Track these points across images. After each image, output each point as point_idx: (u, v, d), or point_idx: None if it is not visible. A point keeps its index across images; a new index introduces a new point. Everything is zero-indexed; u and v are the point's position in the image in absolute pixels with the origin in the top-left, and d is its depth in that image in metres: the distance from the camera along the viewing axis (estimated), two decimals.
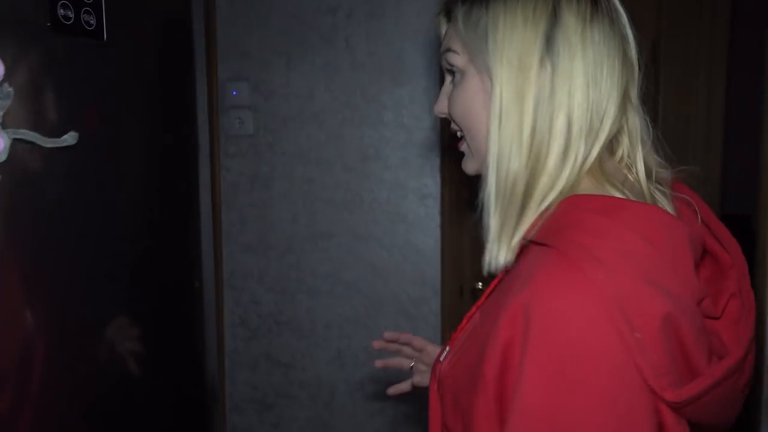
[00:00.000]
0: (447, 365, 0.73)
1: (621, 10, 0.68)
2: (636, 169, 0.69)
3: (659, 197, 0.68)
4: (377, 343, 1.04)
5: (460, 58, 0.70)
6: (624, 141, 0.70)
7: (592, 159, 0.65)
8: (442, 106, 0.75)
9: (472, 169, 0.74)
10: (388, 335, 1.03)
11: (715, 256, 0.69)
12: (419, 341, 1.02)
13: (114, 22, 0.95)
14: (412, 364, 1.03)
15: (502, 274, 0.70)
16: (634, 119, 0.69)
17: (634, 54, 0.68)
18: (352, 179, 2.07)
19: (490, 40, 0.65)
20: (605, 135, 0.65)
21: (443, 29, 0.74)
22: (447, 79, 0.75)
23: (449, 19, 0.72)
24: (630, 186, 0.67)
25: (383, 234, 2.04)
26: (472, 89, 0.69)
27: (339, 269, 2.08)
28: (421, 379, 1.02)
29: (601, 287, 0.55)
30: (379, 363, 1.06)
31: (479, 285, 2.00)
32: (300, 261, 2.12)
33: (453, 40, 0.71)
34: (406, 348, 1.03)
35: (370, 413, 2.10)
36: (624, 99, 0.67)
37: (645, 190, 0.67)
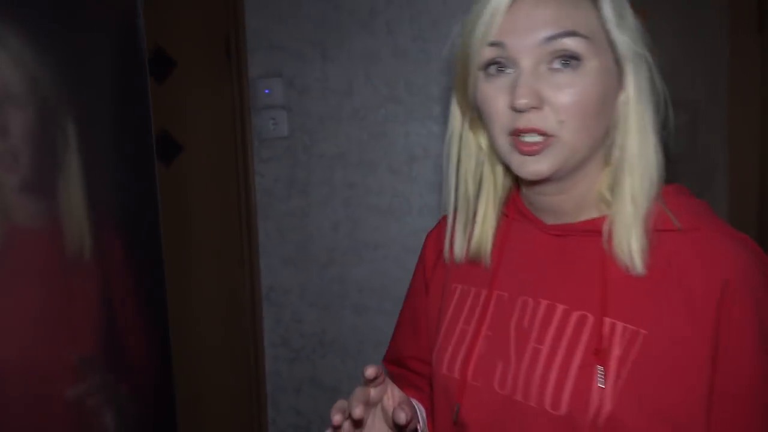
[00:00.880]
0: (626, 390, 0.64)
1: None
2: None
3: None
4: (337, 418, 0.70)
5: (585, 44, 0.65)
6: None
7: None
8: (532, 96, 0.65)
9: (550, 169, 0.67)
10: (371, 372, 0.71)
11: None
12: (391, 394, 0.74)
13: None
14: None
15: (625, 279, 0.67)
16: None
17: None
18: (398, 182, 1.83)
19: (634, 32, 0.67)
20: None
21: (556, 4, 0.65)
22: (527, 66, 0.66)
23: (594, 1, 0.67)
24: None
25: None
26: (600, 80, 0.66)
27: (387, 284, 1.85)
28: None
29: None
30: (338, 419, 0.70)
31: None
32: (343, 274, 1.91)
33: (581, 22, 0.65)
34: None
35: None
36: None
37: None
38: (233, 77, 1.95)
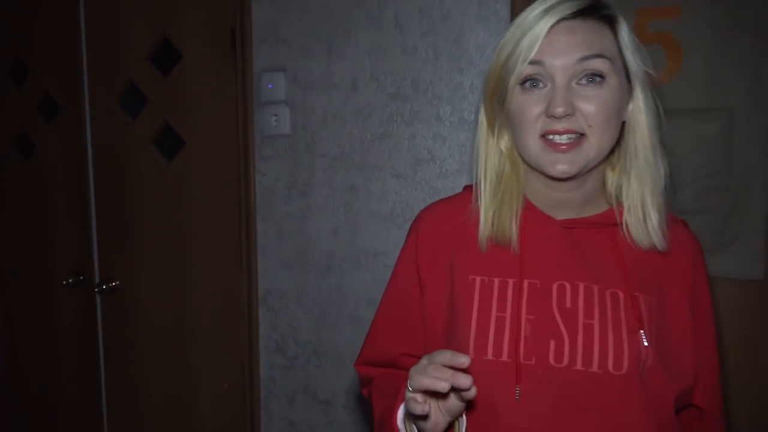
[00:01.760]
0: (655, 344, 0.81)
1: None
2: None
3: None
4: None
5: (608, 64, 0.79)
6: None
7: None
8: (568, 105, 0.78)
9: (579, 168, 0.80)
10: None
11: None
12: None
13: None
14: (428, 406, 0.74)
15: (633, 262, 0.84)
16: None
17: None
18: (402, 187, 1.71)
19: (643, 55, 0.82)
20: None
21: (586, 32, 0.80)
22: (562, 81, 0.79)
23: (613, 28, 0.82)
24: None
25: None
26: (618, 95, 0.80)
27: None
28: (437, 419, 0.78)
29: None
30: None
31: None
32: (341, 282, 1.80)
33: (605, 46, 0.80)
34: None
35: None
36: None
37: None
38: (237, 71, 1.87)
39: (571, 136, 0.79)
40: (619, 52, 0.81)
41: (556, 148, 0.79)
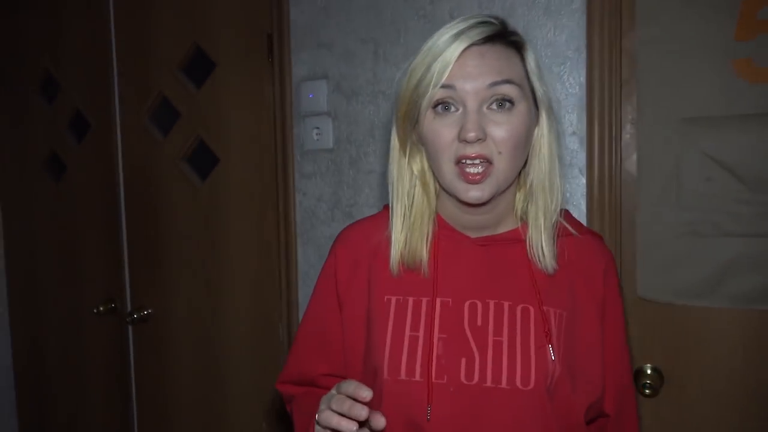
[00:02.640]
0: (562, 358, 0.83)
1: None
2: None
3: None
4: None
5: (517, 90, 0.81)
6: None
7: None
8: (480, 130, 0.80)
9: (490, 194, 0.83)
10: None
11: None
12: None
13: None
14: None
15: (544, 276, 0.87)
16: None
17: None
18: None
19: (547, 84, 0.87)
20: None
21: (495, 57, 0.81)
22: (473, 106, 0.81)
23: (521, 54, 0.85)
24: None
25: None
26: (526, 120, 0.83)
27: None
28: None
29: None
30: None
31: None
32: None
33: (514, 72, 0.82)
34: None
35: None
36: None
37: None
38: (275, 79, 1.70)
39: (483, 161, 0.81)
40: (527, 77, 0.84)
41: (467, 178, 0.81)
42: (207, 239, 1.87)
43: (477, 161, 0.80)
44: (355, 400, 0.71)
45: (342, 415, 0.72)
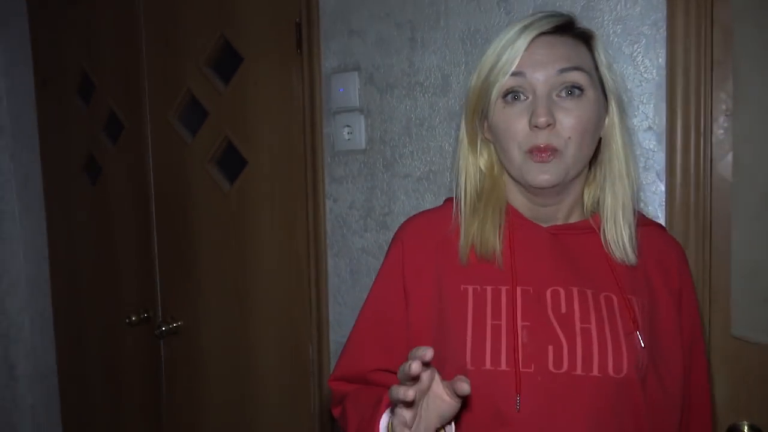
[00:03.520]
0: (647, 345, 0.82)
1: None
2: None
3: None
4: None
5: (586, 78, 0.82)
6: None
7: None
8: (550, 115, 0.80)
9: (557, 179, 0.82)
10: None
11: None
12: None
13: None
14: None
15: (622, 265, 0.86)
16: None
17: None
18: None
19: (617, 75, 0.87)
20: None
21: (564, 46, 0.82)
22: (543, 92, 0.81)
23: (589, 45, 0.85)
24: None
25: None
26: (596, 108, 0.83)
27: None
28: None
29: None
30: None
31: None
32: None
33: (583, 60, 0.83)
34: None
35: None
36: None
37: None
38: (304, 72, 1.53)
39: (552, 152, 0.81)
40: (596, 68, 0.85)
41: (537, 158, 0.81)
42: (236, 249, 1.73)
43: (546, 153, 0.80)
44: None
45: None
